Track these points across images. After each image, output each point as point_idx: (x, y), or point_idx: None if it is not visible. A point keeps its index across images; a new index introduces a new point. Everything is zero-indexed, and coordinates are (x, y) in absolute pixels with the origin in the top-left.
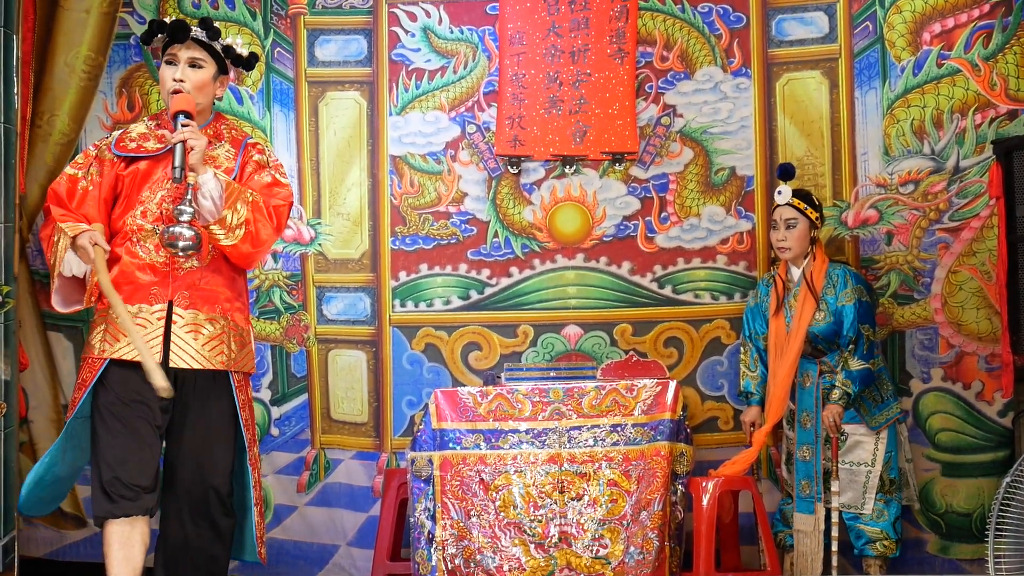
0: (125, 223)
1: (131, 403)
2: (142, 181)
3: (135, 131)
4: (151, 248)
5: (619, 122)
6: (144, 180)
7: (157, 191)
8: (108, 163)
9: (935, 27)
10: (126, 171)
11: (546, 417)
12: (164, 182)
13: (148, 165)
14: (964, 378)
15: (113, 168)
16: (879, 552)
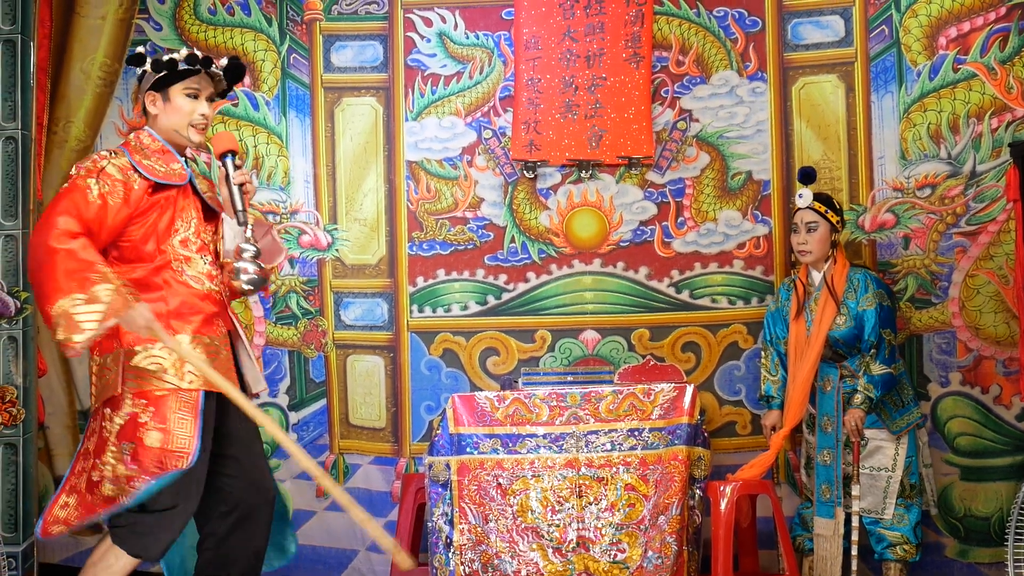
0: (165, 251)
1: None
2: (175, 209)
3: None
4: (203, 277)
5: (635, 126)
6: (175, 207)
7: (190, 220)
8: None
9: (951, 31)
10: (154, 196)
11: (563, 422)
12: (192, 210)
13: (176, 193)
14: (982, 382)
15: (142, 192)
16: (899, 556)
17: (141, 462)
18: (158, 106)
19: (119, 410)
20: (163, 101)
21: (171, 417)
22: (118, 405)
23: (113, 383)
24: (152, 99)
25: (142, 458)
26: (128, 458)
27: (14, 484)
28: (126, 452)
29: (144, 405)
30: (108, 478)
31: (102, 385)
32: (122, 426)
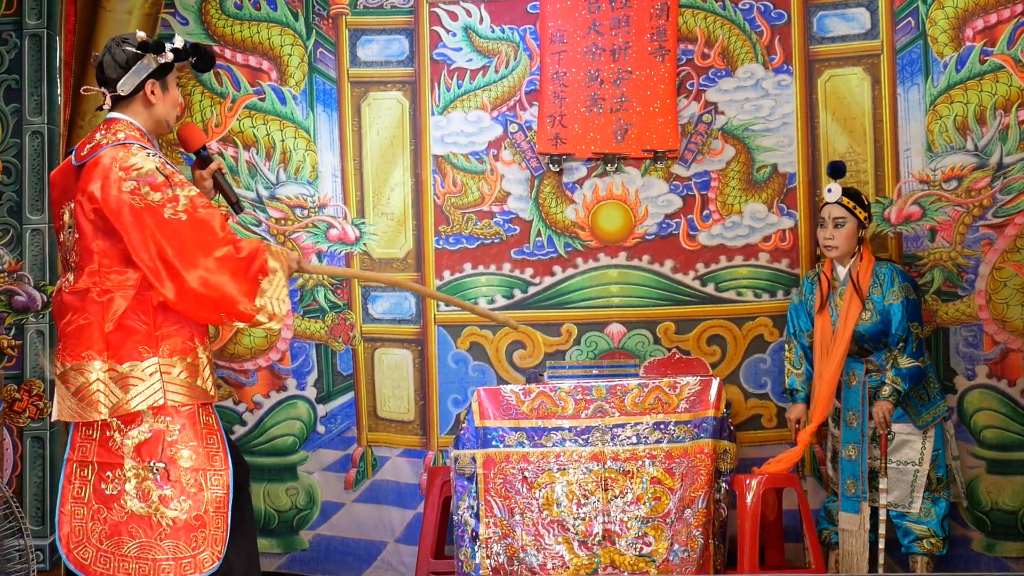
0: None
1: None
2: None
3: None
4: None
5: (660, 120)
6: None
7: None
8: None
9: (978, 23)
10: None
11: (589, 415)
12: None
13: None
14: (1009, 375)
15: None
16: (926, 550)
17: (177, 483)
18: (157, 95)
19: (136, 424)
20: (162, 90)
21: (200, 435)
22: (134, 419)
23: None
24: (152, 87)
25: (177, 478)
26: (157, 477)
27: (41, 477)
28: (154, 471)
29: (168, 423)
30: (131, 495)
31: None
32: (143, 443)
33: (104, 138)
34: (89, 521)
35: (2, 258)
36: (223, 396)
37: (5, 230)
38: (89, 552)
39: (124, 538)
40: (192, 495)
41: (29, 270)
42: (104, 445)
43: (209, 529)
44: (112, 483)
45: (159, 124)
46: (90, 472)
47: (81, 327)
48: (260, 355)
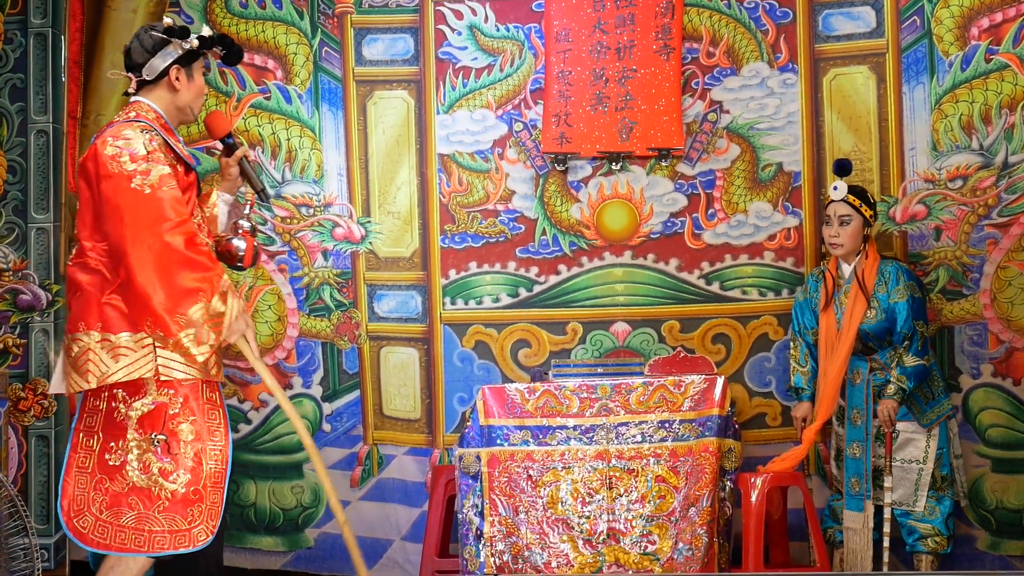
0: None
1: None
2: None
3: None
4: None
5: (665, 118)
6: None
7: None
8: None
9: (983, 22)
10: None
11: (594, 413)
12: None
13: (193, 177)
14: (1014, 374)
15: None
16: (931, 548)
17: (177, 456)
18: (181, 81)
19: (140, 396)
20: (187, 77)
21: (201, 409)
22: (138, 390)
23: (139, 365)
24: (177, 73)
25: (177, 452)
26: (158, 450)
27: (46, 476)
28: (155, 444)
29: (172, 395)
30: (134, 467)
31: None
32: (145, 415)
33: (118, 116)
34: (91, 491)
35: (7, 257)
36: (228, 395)
37: (10, 229)
38: (88, 521)
39: (123, 509)
40: (190, 468)
41: (34, 269)
42: (110, 416)
43: (205, 503)
44: (115, 453)
45: (183, 111)
46: (95, 442)
47: (79, 298)
48: (266, 354)
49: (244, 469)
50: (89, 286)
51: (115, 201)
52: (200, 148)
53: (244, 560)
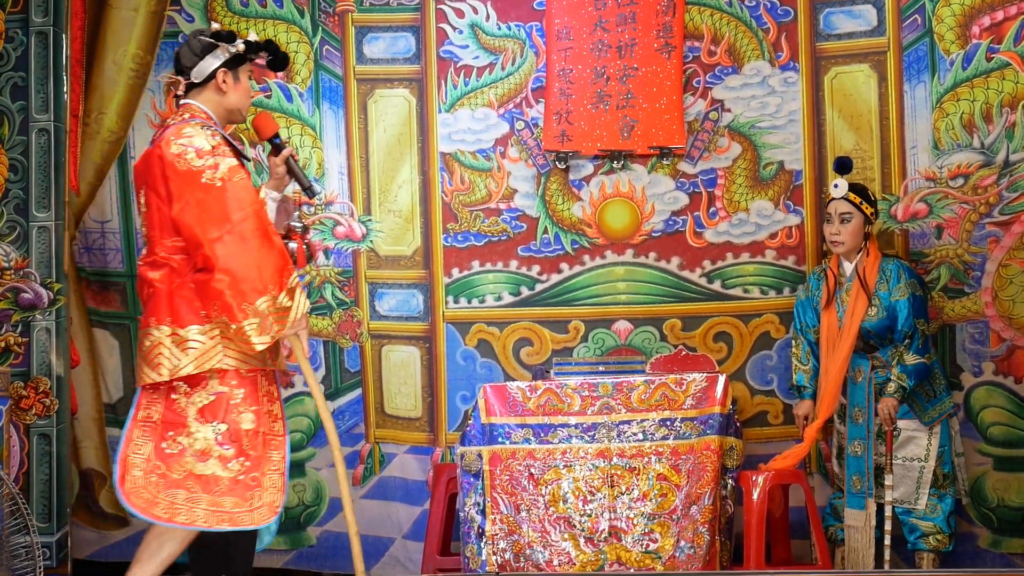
0: None
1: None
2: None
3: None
4: None
5: (666, 116)
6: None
7: None
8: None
9: (984, 20)
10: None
11: (595, 411)
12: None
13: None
14: (1016, 372)
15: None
16: (932, 546)
17: (238, 444)
18: (228, 83)
19: (201, 387)
20: (233, 80)
21: (262, 399)
22: (199, 381)
23: (208, 357)
24: (224, 76)
25: (239, 440)
26: (219, 438)
27: (48, 475)
28: (217, 433)
29: (233, 386)
30: (191, 452)
31: (183, 359)
32: (207, 405)
33: (173, 120)
34: (150, 474)
35: (8, 255)
36: None
37: (12, 227)
38: (144, 496)
39: (180, 491)
40: (251, 456)
41: (35, 267)
42: (169, 407)
43: (265, 490)
44: (174, 442)
45: (231, 112)
46: (153, 431)
47: (150, 295)
48: None
49: None
50: (159, 282)
51: (187, 197)
52: None
53: None
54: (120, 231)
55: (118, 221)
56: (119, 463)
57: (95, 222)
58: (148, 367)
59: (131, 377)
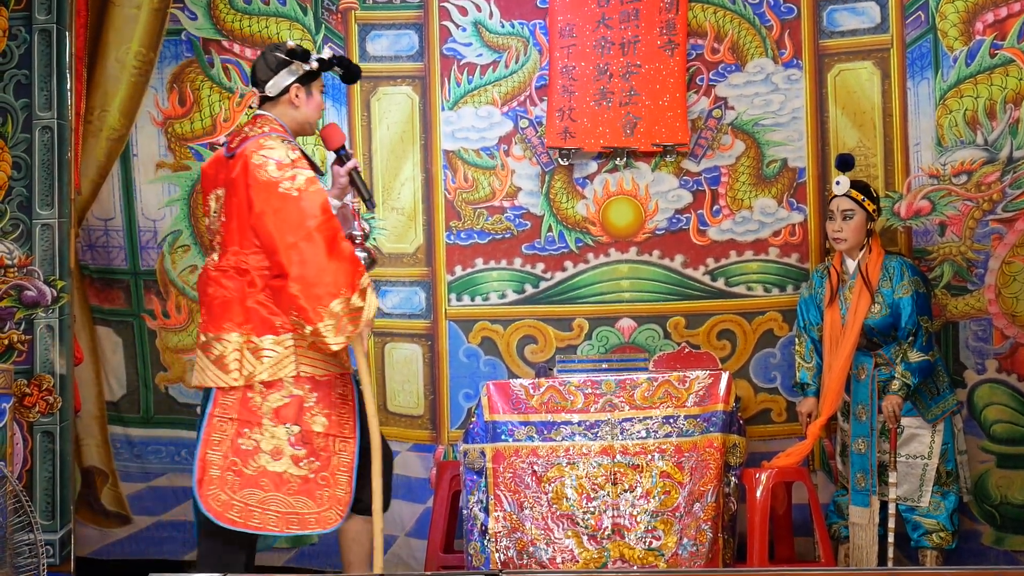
0: None
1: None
2: None
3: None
4: None
5: (669, 114)
6: None
7: None
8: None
9: (988, 16)
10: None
11: (598, 409)
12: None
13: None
14: (1019, 369)
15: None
16: (936, 544)
17: (310, 445)
18: (301, 98)
19: (276, 389)
20: (306, 95)
21: (334, 401)
22: (275, 384)
23: (283, 366)
24: (297, 91)
25: (311, 442)
26: (292, 439)
27: (51, 472)
28: (290, 435)
29: (308, 390)
30: (265, 450)
31: (259, 366)
32: (282, 407)
33: (251, 131)
34: (227, 471)
35: (12, 253)
36: None
37: (15, 225)
38: (223, 498)
39: (256, 491)
40: (322, 458)
41: (39, 265)
42: (245, 405)
43: (335, 490)
44: (249, 439)
45: (302, 126)
46: (230, 427)
47: (224, 301)
48: None
49: None
50: (234, 290)
51: (266, 206)
52: (204, 144)
53: None
54: (123, 228)
55: (121, 219)
56: (198, 464)
57: (98, 219)
58: (219, 371)
59: (134, 375)
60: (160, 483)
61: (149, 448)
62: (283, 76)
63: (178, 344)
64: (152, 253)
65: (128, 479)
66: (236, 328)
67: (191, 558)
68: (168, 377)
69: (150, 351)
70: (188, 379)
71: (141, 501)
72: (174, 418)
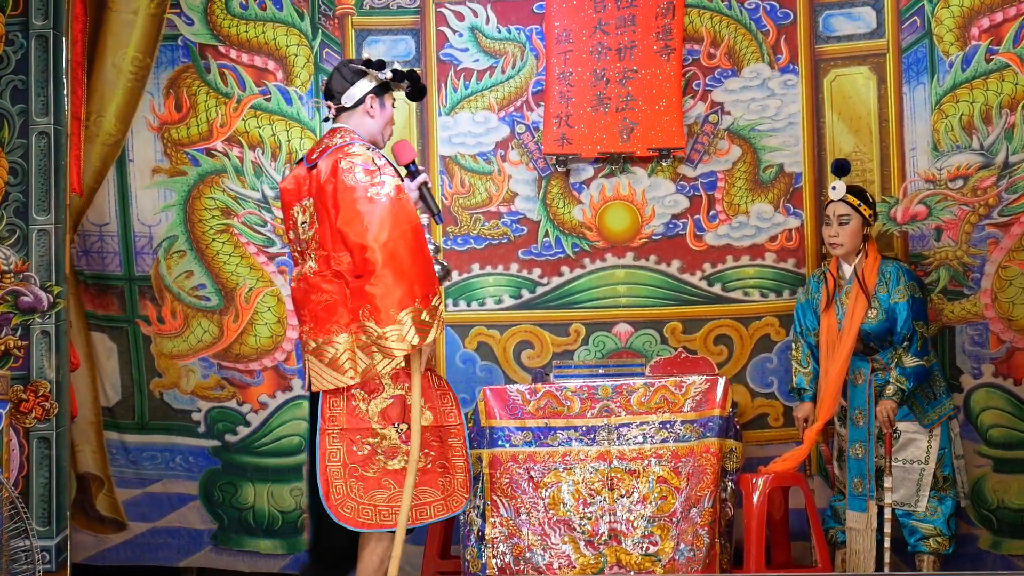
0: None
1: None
2: None
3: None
4: None
5: (666, 119)
6: None
7: None
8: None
9: (983, 21)
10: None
11: (595, 414)
12: None
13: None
14: (1015, 374)
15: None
16: (933, 549)
17: (423, 439)
18: (375, 108)
19: (377, 393)
20: (380, 106)
21: (434, 394)
22: (375, 388)
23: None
24: (373, 102)
25: (423, 435)
26: (403, 436)
27: (47, 478)
28: (400, 433)
29: (407, 388)
30: (380, 452)
31: (372, 360)
32: (386, 408)
33: (331, 141)
34: (349, 478)
35: (8, 259)
36: (226, 397)
37: (11, 231)
38: (351, 506)
39: (380, 491)
40: (435, 447)
41: (35, 271)
42: (351, 414)
43: (455, 475)
44: (363, 444)
45: (374, 137)
46: (341, 437)
47: (328, 305)
48: (266, 355)
49: (242, 471)
50: (336, 293)
51: (353, 208)
52: (200, 149)
53: (242, 563)
54: (118, 234)
55: (116, 224)
56: (320, 478)
57: (93, 225)
58: (336, 372)
59: (129, 381)
60: (155, 489)
61: (144, 454)
62: (359, 86)
63: (173, 350)
64: (147, 259)
65: (123, 485)
66: (344, 330)
67: (187, 565)
68: (163, 383)
69: (145, 357)
70: (183, 385)
71: (137, 507)
72: (169, 424)
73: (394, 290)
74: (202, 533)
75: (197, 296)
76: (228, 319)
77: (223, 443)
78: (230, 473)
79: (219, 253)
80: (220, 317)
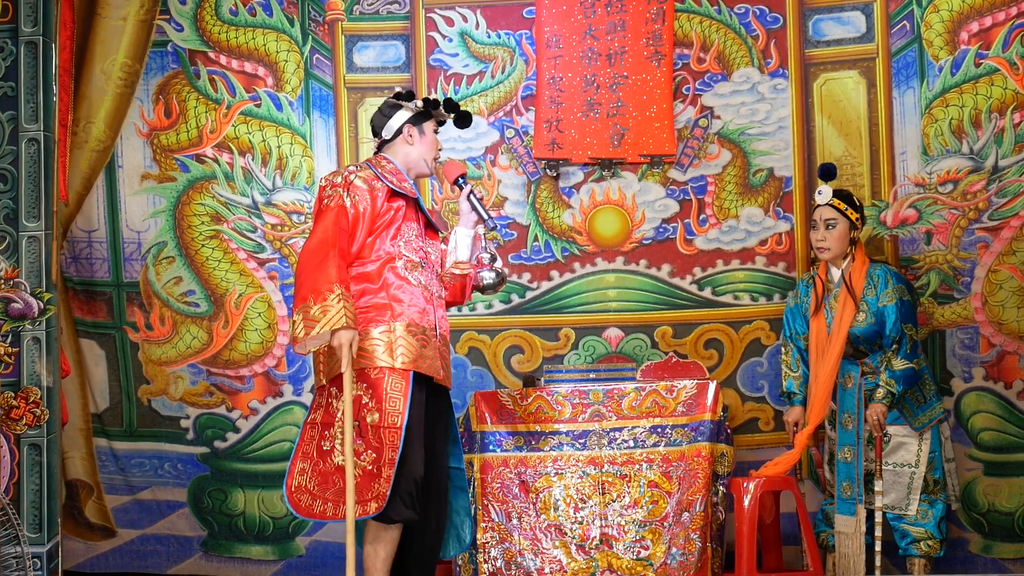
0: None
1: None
2: (403, 217)
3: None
4: (420, 278)
5: (656, 124)
6: (403, 216)
7: (412, 229)
8: (379, 193)
9: (973, 26)
10: (390, 202)
11: (586, 419)
12: (414, 222)
13: (405, 204)
14: (1005, 377)
15: (384, 197)
16: (923, 552)
17: (365, 438)
18: (414, 138)
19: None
20: (419, 134)
21: (385, 397)
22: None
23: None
24: (410, 131)
25: (366, 435)
26: (355, 434)
27: (38, 484)
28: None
29: (364, 388)
30: (338, 450)
31: (332, 365)
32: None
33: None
34: (310, 472)
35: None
36: (216, 403)
37: (1, 237)
38: (305, 498)
39: (330, 485)
40: (376, 448)
41: (26, 277)
42: (327, 409)
43: (383, 478)
44: (329, 440)
45: (417, 162)
46: (317, 432)
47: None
48: (256, 361)
49: (233, 478)
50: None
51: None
52: (190, 155)
53: (233, 570)
54: (107, 241)
55: (105, 231)
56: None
57: (82, 231)
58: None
59: (117, 388)
60: (144, 496)
61: (133, 461)
62: (396, 118)
63: (161, 357)
64: (135, 265)
65: (112, 492)
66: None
67: (175, 572)
68: (151, 390)
69: (133, 364)
70: (171, 392)
71: (126, 514)
72: (157, 431)
73: (303, 286)
74: (191, 540)
75: (186, 302)
76: (218, 325)
77: (212, 449)
78: (219, 480)
79: (209, 259)
80: (209, 323)
